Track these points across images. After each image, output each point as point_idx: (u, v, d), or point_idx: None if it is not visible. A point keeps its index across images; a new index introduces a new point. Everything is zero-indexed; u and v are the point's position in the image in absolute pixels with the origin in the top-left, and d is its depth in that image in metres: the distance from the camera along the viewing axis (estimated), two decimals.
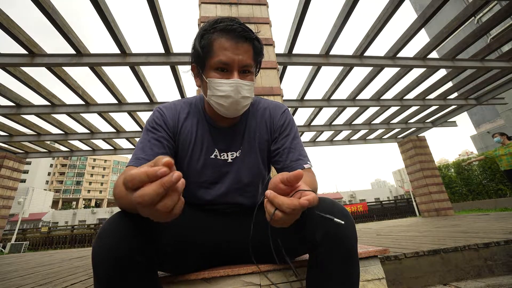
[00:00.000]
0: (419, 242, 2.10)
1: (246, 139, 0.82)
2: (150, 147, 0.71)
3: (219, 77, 0.70)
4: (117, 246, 0.52)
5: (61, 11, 8.08)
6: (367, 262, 0.87)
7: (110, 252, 0.51)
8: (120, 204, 0.57)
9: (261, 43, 0.76)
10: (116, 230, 0.54)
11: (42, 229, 14.89)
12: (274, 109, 0.86)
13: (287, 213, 0.48)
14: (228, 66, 0.70)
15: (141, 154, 0.69)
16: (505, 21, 9.87)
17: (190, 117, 0.81)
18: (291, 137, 0.81)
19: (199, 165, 0.79)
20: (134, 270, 0.54)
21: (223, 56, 0.68)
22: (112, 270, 0.51)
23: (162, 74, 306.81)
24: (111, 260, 0.51)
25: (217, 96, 0.71)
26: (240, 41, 0.69)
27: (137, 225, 0.56)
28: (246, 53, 0.70)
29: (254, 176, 0.83)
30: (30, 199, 36.02)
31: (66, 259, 3.86)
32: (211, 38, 0.70)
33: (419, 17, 3.06)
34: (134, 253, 0.53)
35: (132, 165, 0.67)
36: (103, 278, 0.52)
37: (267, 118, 0.84)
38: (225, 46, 0.68)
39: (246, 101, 0.73)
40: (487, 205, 8.23)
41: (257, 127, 0.83)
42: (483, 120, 14.25)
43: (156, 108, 0.81)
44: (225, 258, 0.83)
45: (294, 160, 0.77)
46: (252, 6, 2.08)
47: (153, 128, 0.75)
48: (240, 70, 0.71)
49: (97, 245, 0.53)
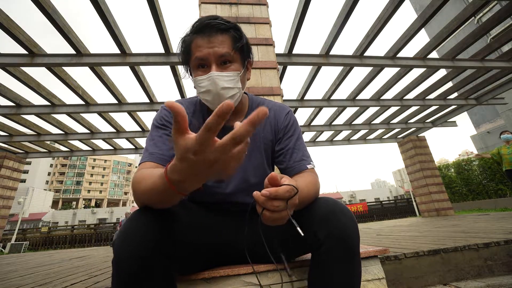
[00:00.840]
0: (419, 242, 2.10)
1: (251, 138, 0.83)
2: (163, 142, 0.71)
3: (200, 74, 0.72)
4: (143, 245, 0.51)
5: (61, 11, 8.09)
6: (367, 262, 0.87)
7: (135, 251, 0.50)
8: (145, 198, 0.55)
9: (240, 31, 0.75)
10: (142, 229, 0.53)
11: (42, 229, 14.90)
12: (279, 110, 0.87)
13: (271, 210, 0.49)
14: (205, 61, 0.71)
15: (155, 149, 0.69)
16: (505, 21, 9.86)
17: (196, 116, 0.82)
18: (294, 138, 0.82)
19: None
20: (157, 270, 0.53)
21: (199, 52, 0.70)
22: (136, 269, 0.50)
23: (162, 74, 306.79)
24: (136, 259, 0.50)
25: (201, 92, 0.73)
26: (213, 35, 0.70)
27: (160, 224, 0.55)
28: (222, 44, 0.70)
29: (260, 176, 0.84)
30: (30, 199, 36.06)
31: (66, 259, 3.86)
32: (189, 40, 0.72)
33: (419, 17, 3.06)
34: (158, 253, 0.52)
35: (147, 160, 0.67)
36: (125, 277, 0.51)
37: (271, 119, 0.85)
38: (200, 43, 0.70)
39: (228, 92, 0.72)
40: (487, 205, 8.23)
41: (261, 127, 0.84)
42: (483, 120, 14.24)
43: (162, 106, 0.81)
44: (231, 258, 0.83)
45: (298, 161, 0.78)
46: (252, 6, 2.08)
47: (163, 125, 0.75)
48: (218, 62, 0.71)
49: (121, 246, 0.51)
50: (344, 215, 0.62)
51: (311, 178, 0.71)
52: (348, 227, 0.60)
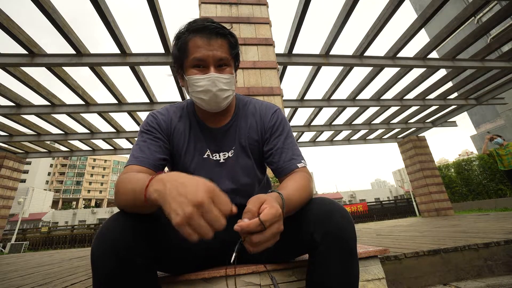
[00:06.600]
0: (419, 242, 2.10)
1: (237, 139, 0.84)
2: (147, 147, 0.74)
3: (197, 73, 0.73)
4: (117, 246, 0.52)
5: (61, 11, 8.09)
6: (367, 262, 0.87)
7: (110, 252, 0.52)
8: (123, 202, 0.58)
9: (235, 38, 0.78)
10: (117, 231, 0.54)
11: (42, 229, 14.91)
12: (265, 109, 0.87)
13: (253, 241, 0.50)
14: (203, 62, 0.72)
15: (140, 154, 0.72)
16: (505, 21, 9.86)
17: (183, 120, 0.84)
18: (283, 137, 0.82)
19: (192, 165, 0.82)
20: (134, 270, 0.54)
21: (198, 53, 0.71)
22: (112, 270, 0.51)
23: (162, 74, 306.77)
24: (111, 260, 0.51)
25: (197, 91, 0.74)
26: (213, 37, 0.72)
27: (137, 226, 0.56)
28: (221, 48, 0.73)
29: (250, 176, 0.85)
30: (30, 199, 36.07)
31: (66, 259, 3.86)
32: (186, 39, 0.73)
33: (419, 17, 3.06)
34: (134, 254, 0.53)
35: (132, 164, 0.69)
36: (102, 278, 0.52)
37: (257, 119, 0.86)
38: (199, 44, 0.71)
39: (224, 93, 0.75)
40: (487, 205, 8.22)
41: (247, 127, 0.85)
42: (483, 120, 14.25)
43: (149, 113, 0.84)
44: (223, 258, 0.83)
45: (287, 160, 0.78)
46: (252, 6, 2.08)
47: (148, 130, 0.78)
48: (216, 65, 0.73)
49: (97, 244, 0.53)
50: (341, 215, 0.62)
51: (302, 181, 0.71)
52: (345, 227, 0.61)
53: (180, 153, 0.81)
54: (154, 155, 0.72)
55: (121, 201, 0.58)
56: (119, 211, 0.59)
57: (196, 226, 0.41)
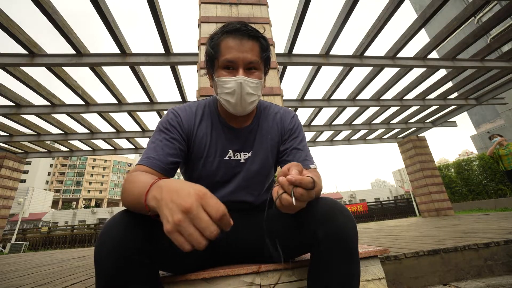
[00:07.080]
0: (419, 242, 2.10)
1: (258, 140, 0.87)
2: (162, 147, 0.73)
3: (226, 75, 0.74)
4: (121, 245, 0.52)
5: (61, 11, 8.09)
6: (367, 262, 0.87)
7: (113, 251, 0.52)
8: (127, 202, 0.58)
9: (267, 41, 0.79)
10: (120, 229, 0.54)
11: (42, 229, 14.90)
12: (285, 114, 0.92)
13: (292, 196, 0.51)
14: (233, 64, 0.73)
15: (153, 154, 0.71)
16: (505, 21, 9.86)
17: (205, 119, 0.84)
18: (299, 140, 0.87)
19: (214, 166, 0.82)
20: (137, 269, 0.54)
21: (229, 54, 0.72)
22: (115, 269, 0.52)
23: (162, 74, 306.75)
24: (114, 259, 0.51)
25: (225, 93, 0.75)
26: (244, 39, 0.73)
27: (140, 225, 0.56)
28: (251, 51, 0.74)
29: (263, 175, 0.87)
30: (30, 199, 36.08)
31: (66, 259, 3.86)
32: (219, 39, 0.74)
33: (419, 17, 3.06)
34: (137, 253, 0.53)
35: (143, 164, 0.69)
36: (105, 276, 0.52)
37: (278, 122, 0.89)
38: (231, 45, 0.73)
39: (251, 97, 0.76)
40: (487, 205, 8.23)
41: (269, 129, 0.88)
42: (483, 120, 14.26)
43: (170, 109, 0.83)
44: (225, 257, 0.84)
45: (301, 160, 0.81)
46: (252, 6, 2.08)
47: (166, 129, 0.77)
48: (245, 68, 0.74)
49: (101, 243, 0.53)
50: (343, 214, 0.62)
51: (318, 175, 0.74)
52: (347, 227, 0.61)
53: (202, 153, 0.82)
54: (166, 158, 0.71)
55: (125, 201, 0.58)
56: (123, 210, 0.60)
57: (187, 235, 0.40)
